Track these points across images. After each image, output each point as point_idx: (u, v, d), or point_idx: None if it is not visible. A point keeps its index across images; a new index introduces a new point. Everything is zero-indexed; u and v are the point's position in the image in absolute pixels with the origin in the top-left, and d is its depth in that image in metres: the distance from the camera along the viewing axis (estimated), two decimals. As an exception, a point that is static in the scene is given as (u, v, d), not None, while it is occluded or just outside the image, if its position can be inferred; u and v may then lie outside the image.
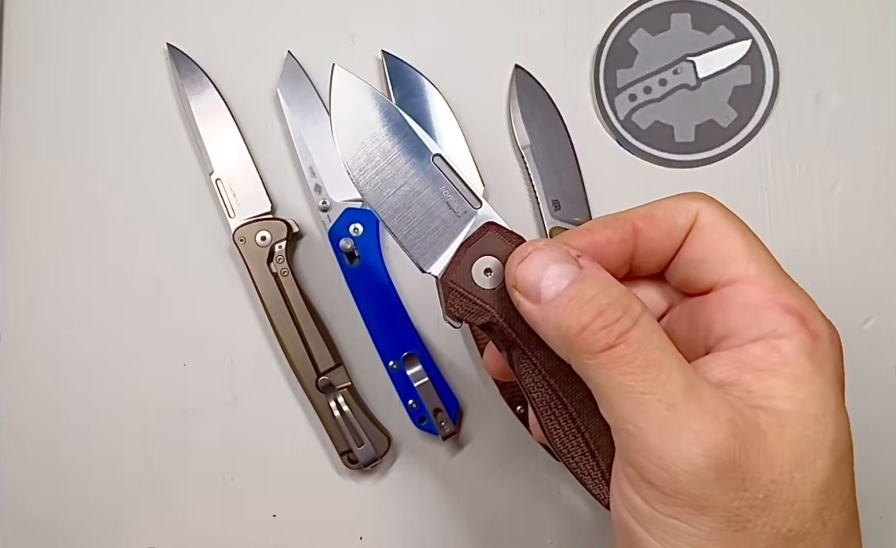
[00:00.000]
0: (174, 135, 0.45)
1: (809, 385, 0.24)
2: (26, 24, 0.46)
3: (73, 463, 0.44)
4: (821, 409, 0.24)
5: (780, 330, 0.24)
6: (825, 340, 0.25)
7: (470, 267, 0.27)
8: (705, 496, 0.22)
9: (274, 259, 0.43)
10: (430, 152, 0.29)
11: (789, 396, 0.23)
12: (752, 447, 0.22)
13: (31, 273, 0.44)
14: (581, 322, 0.24)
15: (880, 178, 0.44)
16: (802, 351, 0.24)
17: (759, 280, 0.25)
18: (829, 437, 0.23)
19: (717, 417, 0.23)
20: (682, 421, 0.22)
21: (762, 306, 0.25)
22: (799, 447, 0.23)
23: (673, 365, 0.23)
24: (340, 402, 0.42)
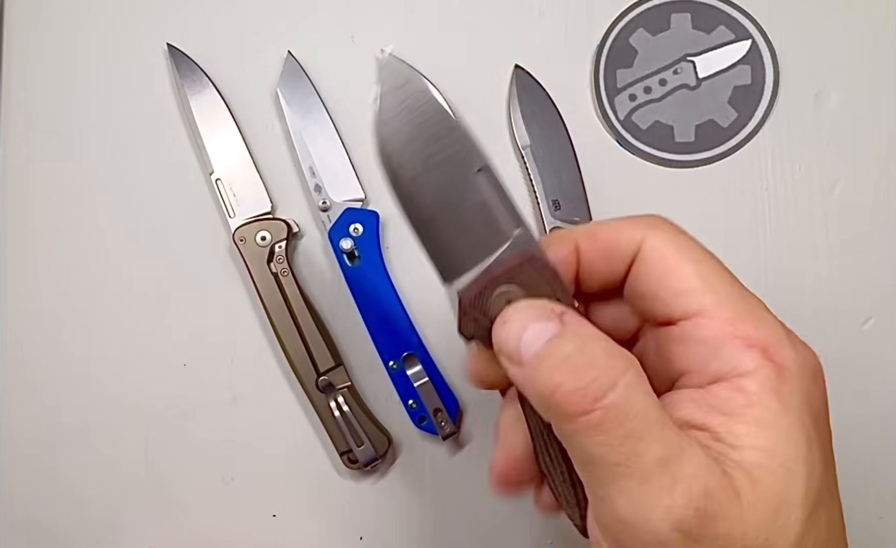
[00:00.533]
0: (174, 135, 0.45)
1: (777, 430, 0.22)
2: (26, 24, 0.46)
3: (73, 463, 0.44)
4: (791, 455, 0.22)
5: (741, 367, 0.23)
6: (793, 371, 0.23)
7: (492, 293, 0.25)
8: None
9: (274, 259, 0.43)
10: (476, 163, 0.26)
11: (757, 446, 0.22)
12: (723, 517, 0.21)
13: (31, 273, 0.44)
14: (554, 382, 0.22)
15: (880, 178, 0.44)
16: (767, 388, 0.23)
17: (716, 312, 0.24)
18: (801, 487, 0.22)
19: (690, 489, 0.21)
20: (654, 497, 0.21)
21: (721, 341, 0.23)
22: (772, 505, 0.22)
23: (652, 434, 0.22)
24: (340, 402, 0.42)
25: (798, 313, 0.43)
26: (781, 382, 0.23)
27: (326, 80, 0.45)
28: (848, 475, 0.43)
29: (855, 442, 0.43)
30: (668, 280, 0.24)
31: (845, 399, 0.43)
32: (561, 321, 0.24)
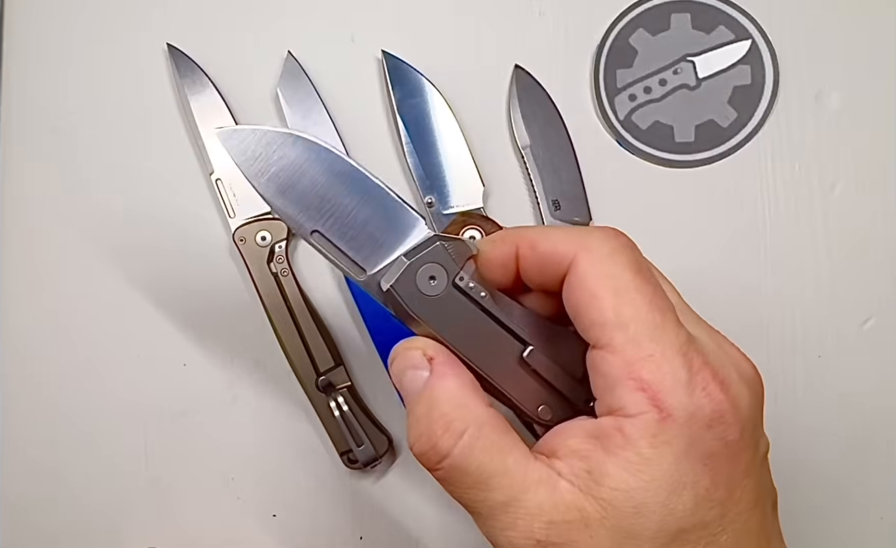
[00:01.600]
0: (174, 135, 0.45)
1: (641, 474, 0.24)
2: (26, 24, 0.46)
3: (73, 463, 0.44)
4: (647, 500, 0.24)
5: (627, 408, 0.24)
6: (678, 418, 0.24)
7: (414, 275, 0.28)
8: None
9: (274, 259, 0.43)
10: (309, 229, 0.29)
11: (617, 487, 0.24)
12: (570, 544, 0.24)
13: (31, 273, 0.44)
14: (411, 440, 0.26)
15: (880, 178, 0.44)
16: (645, 434, 0.24)
17: (621, 350, 0.25)
18: (651, 526, 0.24)
19: (530, 526, 0.25)
20: (500, 531, 0.25)
21: (617, 380, 0.25)
22: (617, 538, 0.24)
23: (492, 483, 0.25)
24: (340, 402, 0.42)
25: (798, 313, 0.43)
26: (661, 429, 0.24)
27: (326, 80, 0.45)
28: (848, 476, 0.43)
29: (855, 442, 0.43)
30: (587, 308, 0.25)
31: (845, 399, 0.43)
32: (430, 367, 0.27)
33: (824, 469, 0.43)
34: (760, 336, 0.43)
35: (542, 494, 0.25)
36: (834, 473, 0.42)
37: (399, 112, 0.43)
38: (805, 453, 0.43)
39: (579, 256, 0.26)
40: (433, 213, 0.43)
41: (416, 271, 0.28)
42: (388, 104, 0.44)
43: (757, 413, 0.26)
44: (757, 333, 0.43)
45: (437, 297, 0.28)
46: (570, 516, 0.24)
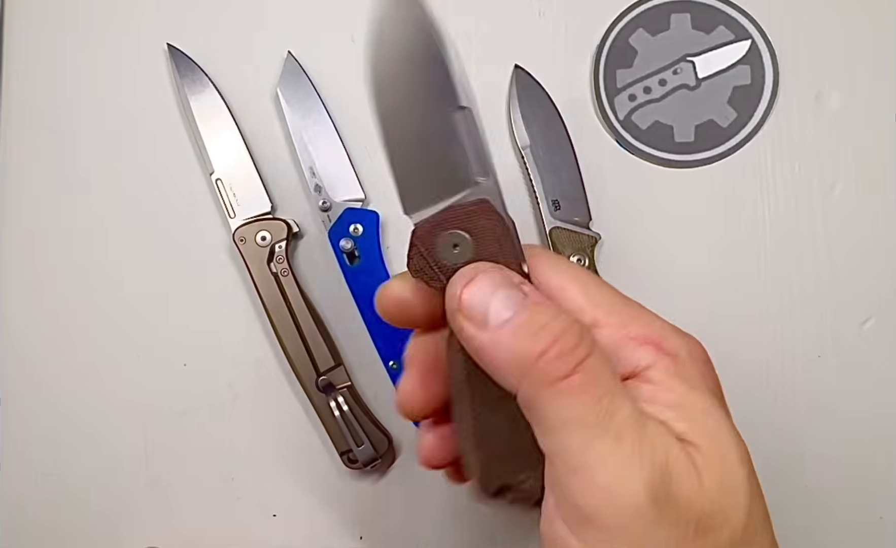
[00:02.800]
0: (174, 135, 0.45)
1: (692, 406, 0.24)
2: (26, 24, 0.46)
3: (74, 463, 0.44)
4: (716, 425, 0.24)
5: (641, 363, 0.25)
6: (684, 357, 0.25)
7: (442, 233, 0.26)
8: (646, 532, 0.22)
9: (274, 259, 0.43)
10: (457, 102, 0.26)
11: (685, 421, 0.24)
12: (684, 477, 0.23)
13: (31, 273, 0.44)
14: (538, 349, 0.23)
15: (880, 178, 0.44)
16: (669, 374, 0.24)
17: (607, 321, 0.25)
18: (736, 450, 0.24)
19: (654, 446, 0.23)
20: (627, 452, 0.22)
21: (617, 345, 0.25)
22: (718, 471, 0.23)
23: (621, 395, 0.23)
24: (340, 402, 0.42)
25: (798, 313, 0.43)
26: (679, 367, 0.25)
27: (326, 80, 0.45)
28: (848, 476, 0.43)
29: (855, 442, 0.43)
30: (559, 301, 0.25)
31: (845, 399, 0.43)
32: (522, 291, 0.24)
33: (824, 469, 0.43)
34: (760, 336, 0.43)
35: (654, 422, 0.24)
36: (833, 472, 0.42)
37: None
38: (805, 452, 0.43)
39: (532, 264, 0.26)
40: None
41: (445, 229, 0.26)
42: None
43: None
44: (757, 333, 0.43)
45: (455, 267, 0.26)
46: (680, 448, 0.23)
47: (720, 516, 0.23)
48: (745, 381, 0.43)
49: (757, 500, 0.24)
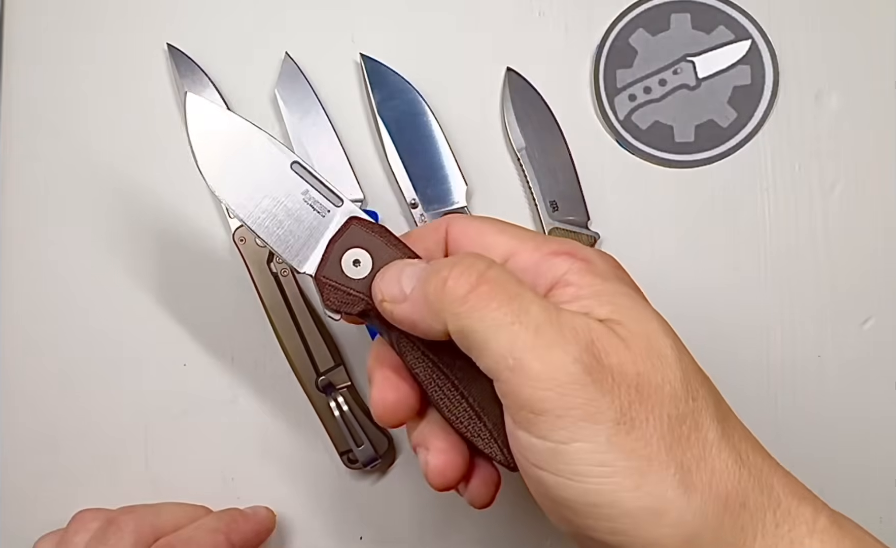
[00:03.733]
0: (174, 135, 0.45)
1: (610, 291, 0.27)
2: (26, 24, 0.46)
3: (73, 463, 0.44)
4: (633, 303, 0.26)
5: (560, 271, 0.27)
6: (597, 262, 0.28)
7: (339, 261, 0.29)
8: (589, 402, 0.24)
9: (274, 259, 0.43)
10: (287, 160, 0.30)
11: (606, 305, 0.26)
12: (611, 348, 0.25)
13: (31, 273, 0.45)
14: (442, 277, 0.26)
15: (880, 178, 0.44)
16: (585, 273, 0.27)
17: (523, 247, 0.28)
18: (658, 323, 0.26)
19: (574, 328, 0.25)
20: (549, 339, 0.24)
21: (536, 264, 0.28)
22: (644, 339, 0.25)
23: (529, 296, 0.26)
24: (340, 402, 0.42)
25: (798, 313, 0.43)
26: (591, 267, 0.27)
27: (325, 81, 0.45)
28: (848, 475, 0.43)
29: (854, 442, 0.43)
30: (477, 245, 0.29)
31: (845, 399, 0.43)
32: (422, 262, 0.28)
33: (824, 469, 0.42)
34: (760, 336, 0.43)
35: (568, 312, 0.26)
36: (833, 473, 0.42)
37: (379, 114, 0.43)
38: (804, 452, 0.42)
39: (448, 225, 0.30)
40: (417, 214, 0.43)
41: (339, 256, 0.29)
42: (369, 107, 0.44)
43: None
44: (757, 333, 0.43)
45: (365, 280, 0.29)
46: (602, 326, 0.25)
47: (655, 376, 0.25)
48: (745, 381, 0.43)
49: (691, 371, 0.26)
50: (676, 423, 0.24)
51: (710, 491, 0.24)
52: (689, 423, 0.24)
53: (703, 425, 0.25)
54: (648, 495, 0.23)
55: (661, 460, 0.24)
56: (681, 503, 0.23)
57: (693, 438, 0.24)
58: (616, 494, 0.23)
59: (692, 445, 0.24)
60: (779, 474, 0.25)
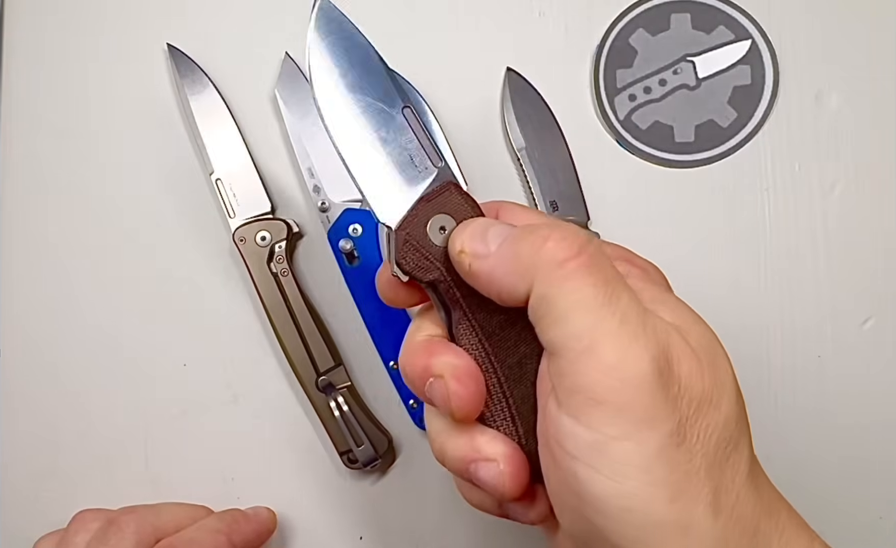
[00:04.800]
0: (174, 135, 0.45)
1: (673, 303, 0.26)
2: (26, 24, 0.46)
3: (73, 463, 0.44)
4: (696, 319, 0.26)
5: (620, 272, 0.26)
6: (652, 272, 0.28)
7: (426, 223, 0.28)
8: (653, 406, 0.23)
9: (274, 259, 0.43)
10: (400, 103, 0.29)
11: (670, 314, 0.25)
12: (683, 357, 0.24)
13: (31, 273, 0.45)
14: (542, 235, 0.25)
15: (880, 178, 0.44)
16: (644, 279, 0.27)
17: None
18: (719, 342, 0.26)
19: (655, 329, 0.24)
20: (632, 332, 0.24)
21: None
22: (710, 355, 0.25)
23: (622, 284, 0.25)
24: (340, 402, 0.42)
25: (798, 313, 0.43)
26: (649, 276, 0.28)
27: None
28: (848, 475, 0.43)
29: (854, 442, 0.43)
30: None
31: (845, 399, 0.43)
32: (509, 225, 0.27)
33: (823, 469, 0.42)
34: (760, 336, 0.43)
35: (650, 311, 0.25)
36: (833, 473, 0.42)
37: None
38: (804, 452, 0.43)
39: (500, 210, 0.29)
40: None
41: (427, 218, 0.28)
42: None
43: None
44: (757, 333, 0.43)
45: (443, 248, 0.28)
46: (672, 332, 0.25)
47: (716, 395, 0.24)
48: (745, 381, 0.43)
49: (741, 398, 0.26)
50: (722, 445, 0.24)
51: (732, 515, 0.24)
52: (732, 447, 0.24)
53: (743, 452, 0.25)
54: (681, 511, 0.23)
55: (699, 478, 0.23)
56: (707, 524, 0.23)
57: (732, 461, 0.24)
58: (651, 503, 0.23)
59: (729, 468, 0.24)
60: (783, 502, 0.26)
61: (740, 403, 0.25)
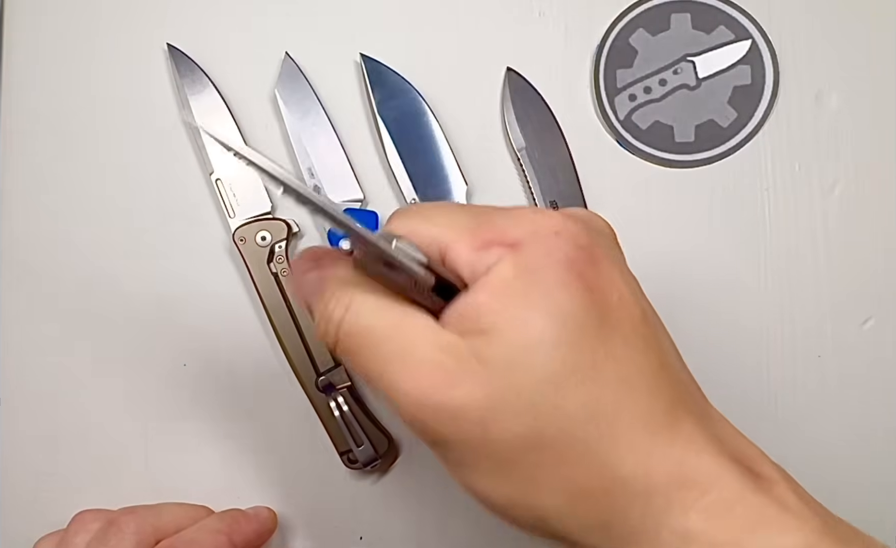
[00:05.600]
0: (174, 135, 0.45)
1: (508, 291, 0.25)
2: (26, 24, 0.46)
3: (73, 463, 0.44)
4: (522, 306, 0.24)
5: (488, 264, 0.25)
6: (529, 242, 0.25)
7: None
8: (434, 432, 0.25)
9: (274, 259, 0.43)
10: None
11: (493, 310, 0.24)
12: (465, 375, 0.24)
13: (30, 273, 0.45)
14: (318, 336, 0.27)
15: (880, 178, 0.44)
16: (506, 265, 0.25)
17: (458, 240, 0.26)
18: (537, 331, 0.24)
19: (418, 369, 0.24)
20: (391, 384, 0.25)
21: (472, 262, 0.26)
22: (509, 353, 0.24)
23: (379, 336, 0.25)
24: (340, 402, 0.42)
25: (798, 313, 0.43)
26: (518, 255, 0.25)
27: (325, 81, 0.45)
28: (848, 476, 0.43)
29: (854, 442, 0.43)
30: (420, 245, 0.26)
31: (845, 399, 0.43)
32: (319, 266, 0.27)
33: (823, 469, 0.42)
34: (760, 336, 0.43)
35: (430, 336, 0.25)
36: (833, 473, 0.42)
37: (379, 114, 0.43)
38: (805, 452, 0.42)
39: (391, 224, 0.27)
40: None
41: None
42: (369, 107, 0.44)
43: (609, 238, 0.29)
44: (757, 333, 0.43)
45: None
46: (460, 349, 0.24)
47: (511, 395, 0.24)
48: (746, 381, 0.43)
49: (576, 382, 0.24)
50: (531, 444, 0.25)
51: None
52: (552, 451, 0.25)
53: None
54: None
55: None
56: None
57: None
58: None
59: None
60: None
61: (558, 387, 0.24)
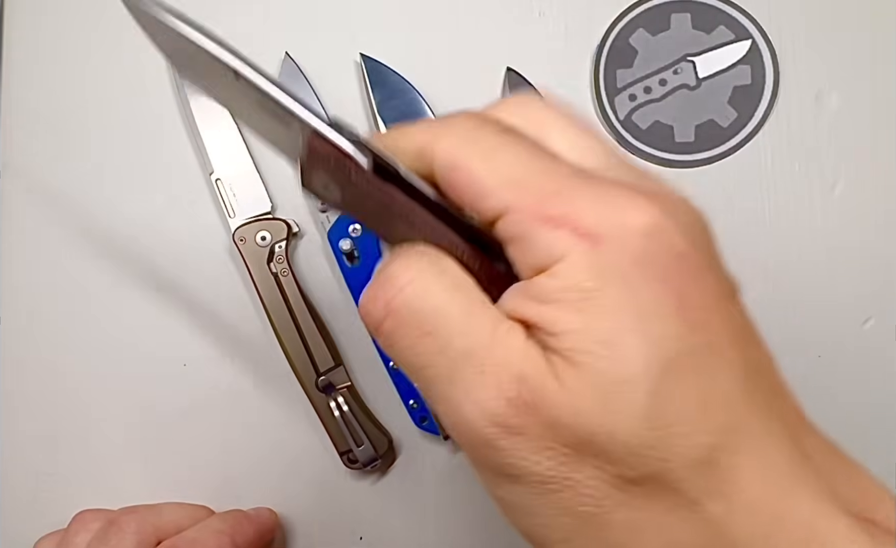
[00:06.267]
0: (174, 135, 0.45)
1: (593, 308, 0.20)
2: (26, 24, 0.46)
3: (73, 463, 0.44)
4: (614, 329, 0.20)
5: (555, 252, 0.20)
6: (612, 238, 0.20)
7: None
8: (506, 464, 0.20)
9: (274, 259, 0.43)
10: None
11: (572, 330, 0.20)
12: (546, 404, 0.20)
13: (30, 273, 0.44)
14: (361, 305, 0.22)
15: (880, 178, 0.44)
16: (580, 267, 0.20)
17: (520, 203, 0.21)
18: (631, 360, 0.20)
19: (498, 378, 0.20)
20: (462, 394, 0.20)
21: (531, 232, 0.21)
22: (601, 388, 0.20)
23: (451, 327, 0.21)
24: (340, 402, 0.42)
25: (798, 313, 0.43)
26: (598, 255, 0.20)
27: (325, 81, 0.45)
28: (848, 475, 0.43)
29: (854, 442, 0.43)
30: (464, 188, 0.22)
31: (845, 399, 0.43)
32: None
33: (824, 469, 0.43)
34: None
35: (514, 341, 0.21)
36: (834, 473, 0.42)
37: (379, 114, 0.43)
38: (805, 453, 0.43)
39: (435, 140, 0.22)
40: None
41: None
42: (369, 107, 0.44)
43: (706, 234, 0.24)
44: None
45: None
46: (544, 368, 0.20)
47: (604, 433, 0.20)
48: (745, 381, 0.43)
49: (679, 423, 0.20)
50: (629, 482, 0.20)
51: None
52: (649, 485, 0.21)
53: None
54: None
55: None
56: None
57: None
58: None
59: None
60: None
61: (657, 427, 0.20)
